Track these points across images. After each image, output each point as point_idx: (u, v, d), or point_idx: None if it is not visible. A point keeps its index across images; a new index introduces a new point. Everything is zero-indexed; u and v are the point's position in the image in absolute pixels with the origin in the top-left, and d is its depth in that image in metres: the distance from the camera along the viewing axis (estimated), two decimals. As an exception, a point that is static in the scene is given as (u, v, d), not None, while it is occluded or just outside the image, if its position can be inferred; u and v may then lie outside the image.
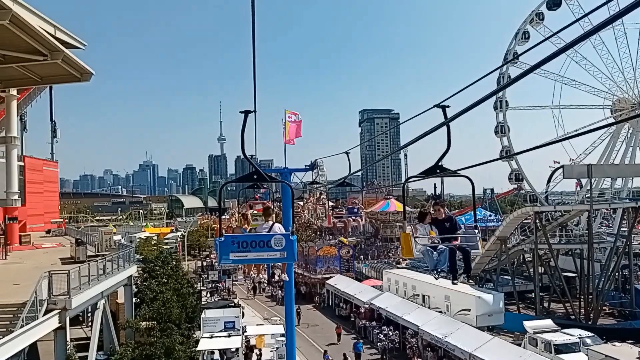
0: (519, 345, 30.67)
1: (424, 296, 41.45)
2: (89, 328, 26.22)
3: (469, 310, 36.05)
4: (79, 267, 19.33)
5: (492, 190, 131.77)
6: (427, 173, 7.00)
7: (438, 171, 6.88)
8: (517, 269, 51.69)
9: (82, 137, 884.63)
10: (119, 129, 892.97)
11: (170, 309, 24.16)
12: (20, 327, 15.56)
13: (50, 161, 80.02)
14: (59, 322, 17.61)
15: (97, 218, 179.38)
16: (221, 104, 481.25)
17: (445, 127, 6.19)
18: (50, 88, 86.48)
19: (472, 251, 7.40)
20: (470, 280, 42.40)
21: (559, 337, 30.35)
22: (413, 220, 8.66)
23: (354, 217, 13.65)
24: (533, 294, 46.43)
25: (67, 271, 18.05)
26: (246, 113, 6.73)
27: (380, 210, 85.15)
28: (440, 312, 37.36)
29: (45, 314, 17.26)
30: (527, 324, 31.78)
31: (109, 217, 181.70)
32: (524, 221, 47.61)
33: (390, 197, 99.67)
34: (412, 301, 40.40)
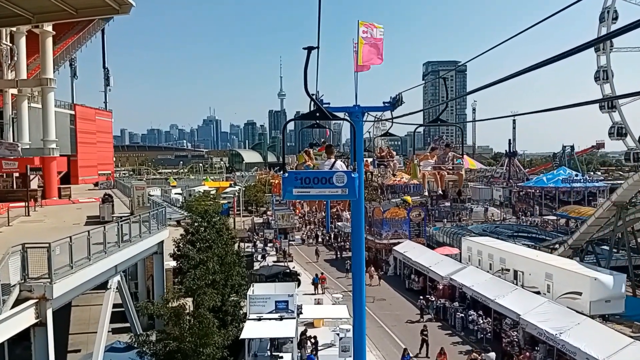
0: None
1: (515, 272, 34.40)
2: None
3: (580, 294, 28.77)
4: (70, 237, 13.90)
5: (572, 147, 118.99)
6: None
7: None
8: (620, 240, 43.30)
9: (151, 92, 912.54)
10: (184, 85, 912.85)
11: (205, 290, 18.64)
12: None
13: (104, 110, 76.99)
14: (37, 317, 12.38)
15: (159, 171, 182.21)
16: (281, 59, 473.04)
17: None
18: (103, 33, 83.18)
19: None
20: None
21: None
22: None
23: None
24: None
25: (47, 244, 12.62)
26: (309, 50, 6.33)
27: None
28: (538, 292, 30.38)
29: (15, 305, 12.07)
30: (669, 320, 24.18)
31: (171, 170, 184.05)
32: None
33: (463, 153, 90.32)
34: (499, 277, 33.53)
